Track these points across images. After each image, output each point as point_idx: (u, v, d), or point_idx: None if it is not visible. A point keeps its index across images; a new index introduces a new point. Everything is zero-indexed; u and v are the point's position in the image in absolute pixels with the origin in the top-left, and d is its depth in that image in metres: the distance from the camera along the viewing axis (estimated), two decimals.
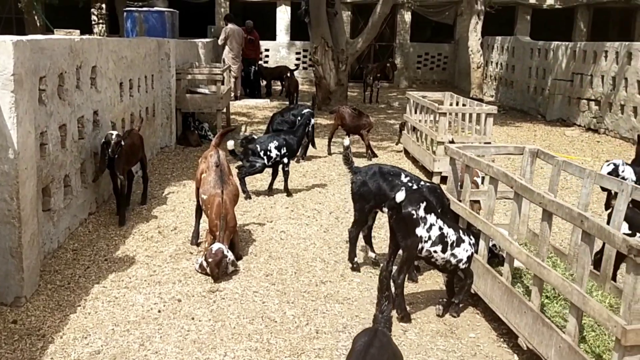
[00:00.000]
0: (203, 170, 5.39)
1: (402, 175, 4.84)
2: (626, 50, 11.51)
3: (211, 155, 5.39)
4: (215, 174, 5.24)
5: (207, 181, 5.25)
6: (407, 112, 10.11)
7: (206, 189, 5.20)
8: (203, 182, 5.30)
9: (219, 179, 5.20)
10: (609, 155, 10.21)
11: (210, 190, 5.15)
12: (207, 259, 4.75)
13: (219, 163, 5.33)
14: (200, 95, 10.87)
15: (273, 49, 21.62)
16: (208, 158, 5.39)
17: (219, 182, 5.17)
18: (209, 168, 5.32)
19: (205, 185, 5.24)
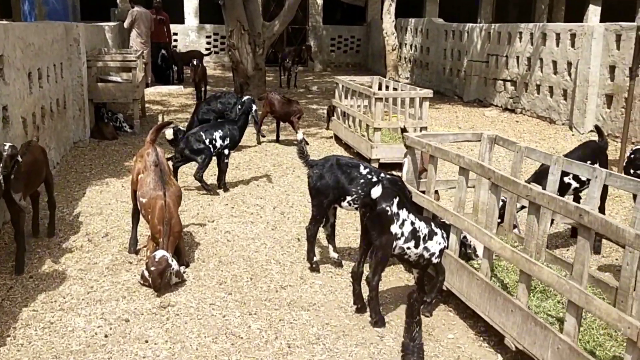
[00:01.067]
0: (140, 170, 4.84)
1: (361, 167, 4.55)
2: (541, 31, 11.84)
3: (148, 153, 4.84)
4: (155, 174, 4.71)
5: (145, 183, 4.71)
6: (336, 98, 9.85)
7: (145, 192, 4.66)
8: (141, 184, 4.76)
9: (159, 179, 4.68)
10: (531, 135, 10.48)
11: (150, 193, 4.62)
12: (149, 268, 4.27)
13: (158, 162, 4.80)
14: (114, 84, 10.06)
15: (182, 32, 20.66)
16: (145, 157, 4.84)
17: (160, 183, 4.65)
18: (146, 168, 4.78)
19: (143, 188, 4.70)
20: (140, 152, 4.96)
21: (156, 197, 4.56)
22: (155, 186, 4.63)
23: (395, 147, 7.95)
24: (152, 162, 4.76)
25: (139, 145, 9.16)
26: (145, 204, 4.64)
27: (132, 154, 8.65)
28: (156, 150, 4.87)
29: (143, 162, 4.83)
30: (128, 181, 7.15)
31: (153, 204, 4.54)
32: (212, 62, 20.44)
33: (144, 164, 4.81)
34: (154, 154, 4.82)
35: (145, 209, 4.64)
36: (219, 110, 8.81)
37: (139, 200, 4.75)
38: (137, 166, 4.90)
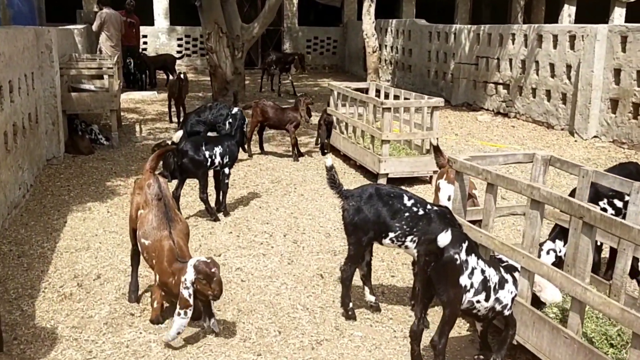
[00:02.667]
0: (139, 205, 4.08)
1: (405, 198, 3.92)
2: (536, 33, 11.42)
3: (149, 184, 4.08)
4: (159, 210, 3.96)
5: (147, 220, 3.94)
6: (331, 105, 9.21)
7: (148, 231, 3.91)
8: (142, 222, 3.99)
9: (163, 216, 3.93)
10: (532, 142, 10.03)
11: (154, 234, 3.87)
12: (208, 270, 3.56)
13: (162, 195, 4.04)
14: (89, 94, 9.21)
15: (152, 35, 19.72)
16: (145, 189, 4.08)
17: (165, 220, 3.91)
18: (147, 202, 4.01)
19: (145, 226, 3.94)
20: (139, 184, 4.20)
21: (162, 238, 3.82)
22: (159, 225, 3.89)
23: (404, 160, 7.35)
24: (155, 196, 4.02)
25: (119, 161, 8.38)
26: (148, 246, 3.89)
27: (112, 171, 7.86)
28: (158, 180, 4.12)
29: (143, 195, 4.07)
30: (113, 205, 6.40)
31: (159, 247, 3.81)
32: (184, 65, 19.56)
33: (144, 198, 4.05)
34: (155, 185, 4.07)
35: (149, 252, 3.89)
36: (210, 122, 8.08)
37: (140, 241, 3.99)
38: (136, 200, 4.14)
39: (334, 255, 5.22)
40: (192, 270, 3.57)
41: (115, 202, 6.59)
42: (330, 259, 5.14)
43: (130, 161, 8.45)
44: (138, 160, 8.49)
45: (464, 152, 9.20)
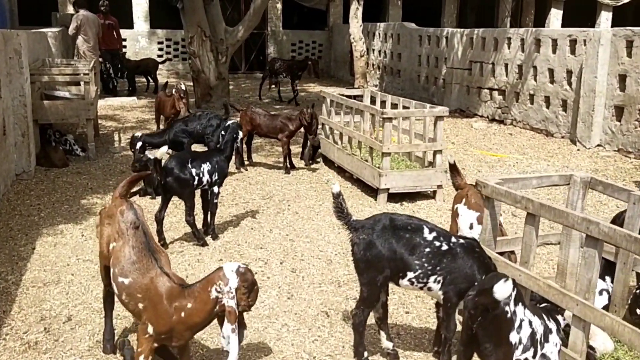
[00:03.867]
0: (111, 237, 3.37)
1: (425, 230, 3.36)
2: (534, 37, 10.98)
3: (122, 211, 3.37)
4: (137, 241, 3.27)
5: (124, 255, 3.24)
6: (324, 114, 8.66)
7: (126, 268, 3.22)
8: (117, 257, 3.28)
9: (144, 247, 3.26)
10: (534, 151, 9.57)
11: (136, 271, 3.19)
12: (251, 278, 3.04)
13: (139, 222, 3.38)
14: (63, 102, 8.56)
15: (131, 38, 19.01)
16: (117, 217, 3.38)
17: (147, 252, 3.24)
18: (121, 233, 3.31)
19: (122, 262, 3.23)
20: (108, 212, 3.47)
21: (152, 278, 3.15)
22: (141, 258, 3.23)
23: (407, 174, 6.81)
24: (130, 224, 3.33)
25: (95, 175, 7.74)
26: (129, 286, 3.21)
27: (88, 187, 7.22)
28: (132, 206, 3.44)
29: (115, 225, 3.36)
30: (89, 228, 5.77)
31: (151, 288, 3.13)
32: (165, 69, 18.88)
33: (116, 228, 3.35)
34: (130, 212, 3.37)
35: (131, 293, 3.21)
36: (198, 133, 7.45)
37: (117, 280, 3.31)
38: (106, 232, 3.43)
39: (339, 286, 4.66)
40: (234, 276, 2.97)
41: (91, 223, 5.95)
42: (334, 291, 4.58)
43: (108, 175, 7.80)
44: (116, 174, 7.85)
45: (465, 163, 8.71)
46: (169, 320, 3.05)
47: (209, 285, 2.99)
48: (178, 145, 7.47)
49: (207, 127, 7.35)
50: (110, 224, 3.41)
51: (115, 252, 3.33)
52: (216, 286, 2.97)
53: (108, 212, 3.48)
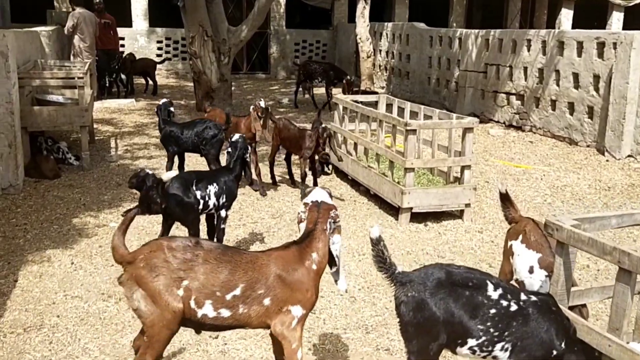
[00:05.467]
0: (173, 284, 2.78)
1: (489, 286, 2.73)
2: (556, 39, 10.35)
3: (157, 256, 2.78)
4: (206, 256, 2.87)
5: (207, 283, 2.87)
6: (336, 121, 8.03)
7: (218, 287, 2.85)
8: (204, 294, 2.85)
9: (221, 255, 2.91)
10: (559, 161, 8.93)
11: (231, 276, 2.85)
12: None
13: (194, 241, 2.93)
14: (55, 108, 7.91)
15: (130, 37, 18.35)
16: (159, 264, 2.77)
17: (227, 257, 2.91)
18: (185, 267, 2.79)
19: (214, 288, 2.85)
20: (138, 273, 2.78)
21: (255, 269, 2.85)
22: (223, 267, 2.87)
23: (432, 192, 6.18)
24: (184, 250, 2.84)
25: (89, 188, 7.11)
26: (240, 296, 2.86)
27: (80, 203, 6.58)
28: (175, 239, 2.91)
29: (166, 271, 2.78)
30: (79, 254, 5.14)
31: (260, 277, 2.85)
32: (164, 69, 18.25)
33: (172, 270, 2.78)
34: (166, 247, 2.83)
35: (247, 301, 2.86)
36: (192, 142, 6.78)
37: (220, 308, 2.82)
38: (162, 285, 2.77)
39: (366, 332, 4.02)
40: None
41: (82, 248, 5.32)
42: (362, 339, 3.94)
43: (103, 188, 7.16)
44: (112, 187, 7.21)
45: (487, 175, 8.08)
46: (312, 282, 2.90)
47: (325, 221, 2.96)
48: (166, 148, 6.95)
49: (202, 136, 6.68)
50: (160, 273, 2.77)
51: (191, 292, 2.79)
52: (332, 215, 2.99)
53: (138, 273, 2.79)
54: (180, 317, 2.77)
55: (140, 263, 2.77)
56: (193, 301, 2.76)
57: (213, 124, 6.89)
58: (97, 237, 5.58)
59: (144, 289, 2.75)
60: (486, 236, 5.94)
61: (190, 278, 2.75)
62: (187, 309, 2.77)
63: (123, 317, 4.10)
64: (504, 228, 6.13)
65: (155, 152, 8.96)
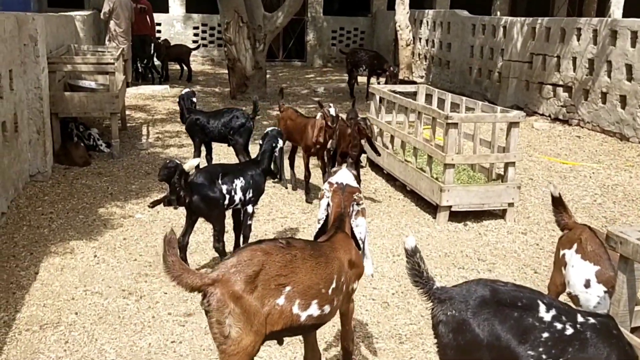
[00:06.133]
0: (261, 303, 2.57)
1: (541, 307, 2.39)
2: (609, 28, 9.76)
3: (234, 283, 2.50)
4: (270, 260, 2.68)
5: (285, 292, 2.69)
6: (372, 112, 7.70)
7: (302, 287, 2.73)
8: (299, 300, 2.72)
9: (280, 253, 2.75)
10: (608, 158, 8.41)
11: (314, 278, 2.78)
12: None
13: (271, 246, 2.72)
14: (86, 94, 7.78)
15: (166, 23, 18.28)
16: (238, 293, 2.50)
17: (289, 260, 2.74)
18: (251, 285, 2.55)
19: (297, 290, 2.71)
20: (221, 301, 2.50)
21: (323, 262, 2.79)
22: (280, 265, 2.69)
23: (473, 189, 5.81)
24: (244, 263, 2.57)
25: (118, 176, 6.95)
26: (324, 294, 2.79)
27: (108, 192, 6.43)
28: (235, 267, 2.53)
29: (246, 286, 2.52)
30: (103, 246, 4.96)
31: (333, 273, 2.84)
32: (200, 56, 18.14)
33: (240, 282, 2.51)
34: (233, 265, 2.52)
35: (334, 287, 2.81)
36: (219, 132, 6.54)
37: (310, 305, 2.71)
38: (254, 307, 2.52)
39: (400, 342, 3.72)
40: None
41: (106, 240, 5.14)
42: (395, 350, 3.64)
43: (131, 177, 7.00)
44: (140, 177, 7.04)
45: (531, 172, 7.65)
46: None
47: (349, 205, 3.04)
48: (192, 139, 6.74)
49: (229, 126, 6.43)
50: (258, 284, 2.53)
51: (295, 296, 2.62)
52: (355, 198, 3.05)
53: (234, 289, 2.49)
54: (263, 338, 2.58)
55: (235, 277, 2.48)
56: (297, 305, 2.61)
57: (241, 112, 6.64)
58: (122, 229, 5.40)
59: (240, 307, 2.46)
60: (530, 238, 5.55)
61: (293, 282, 2.59)
62: (286, 317, 2.58)
63: (143, 317, 3.89)
64: (550, 230, 5.75)
65: (187, 141, 8.73)
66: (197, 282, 2.45)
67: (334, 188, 3.12)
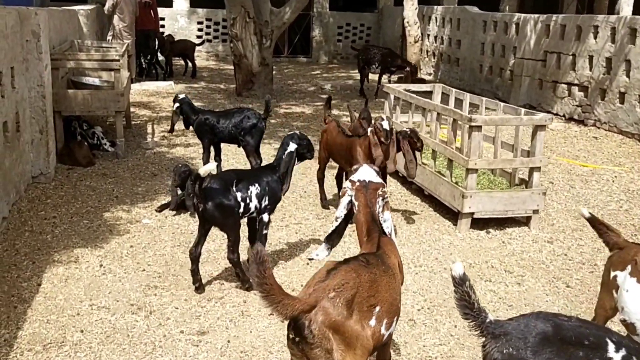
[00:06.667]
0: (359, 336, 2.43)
1: (610, 346, 2.12)
2: (628, 26, 9.47)
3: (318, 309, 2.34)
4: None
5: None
6: (386, 113, 7.42)
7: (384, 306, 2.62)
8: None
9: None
10: (630, 161, 8.13)
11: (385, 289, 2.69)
12: None
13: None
14: (90, 91, 7.50)
15: (170, 17, 17.98)
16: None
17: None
18: (345, 311, 2.40)
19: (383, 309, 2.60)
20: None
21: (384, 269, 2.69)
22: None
23: (497, 196, 5.54)
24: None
25: (123, 177, 6.70)
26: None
27: (113, 195, 6.16)
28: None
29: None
30: (109, 254, 4.71)
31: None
32: (204, 51, 17.86)
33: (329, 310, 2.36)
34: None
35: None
36: (229, 133, 6.26)
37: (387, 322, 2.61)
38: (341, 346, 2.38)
39: None
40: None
41: (112, 247, 4.88)
42: None
43: (137, 179, 6.73)
44: (146, 178, 6.78)
45: (550, 175, 7.37)
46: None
47: (375, 202, 2.95)
48: (200, 140, 6.46)
49: (239, 127, 6.16)
50: (354, 307, 2.38)
51: (383, 315, 2.53)
52: (380, 194, 2.98)
53: (335, 315, 2.33)
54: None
55: (335, 302, 2.31)
56: (384, 325, 2.50)
57: (252, 112, 6.37)
58: (129, 236, 5.14)
59: (344, 334, 2.31)
60: (557, 247, 5.28)
61: (380, 302, 2.48)
62: (377, 339, 2.47)
63: (153, 336, 3.63)
64: (577, 239, 5.48)
65: (193, 140, 8.48)
66: (298, 309, 2.24)
67: (356, 186, 3.02)
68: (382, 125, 5.02)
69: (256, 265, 2.17)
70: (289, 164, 4.33)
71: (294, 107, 11.50)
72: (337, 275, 2.39)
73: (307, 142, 4.43)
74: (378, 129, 5.03)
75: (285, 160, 4.33)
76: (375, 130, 5.05)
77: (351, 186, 3.04)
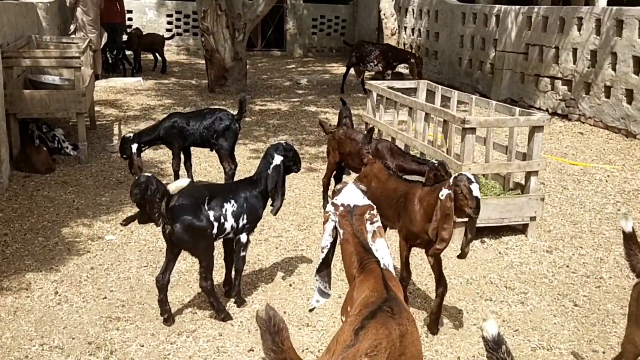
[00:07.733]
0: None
1: None
2: (614, 18, 9.17)
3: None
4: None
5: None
6: (369, 111, 6.99)
7: None
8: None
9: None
10: (619, 157, 7.83)
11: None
12: None
13: None
14: (47, 91, 6.91)
15: (138, 10, 17.27)
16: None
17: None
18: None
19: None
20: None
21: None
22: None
23: (492, 202, 5.13)
24: None
25: (85, 186, 6.15)
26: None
27: (73, 207, 5.62)
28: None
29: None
30: (66, 279, 4.18)
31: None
32: (174, 45, 17.19)
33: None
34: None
35: None
36: (201, 135, 5.74)
37: None
38: None
39: None
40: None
41: (70, 271, 4.35)
42: None
43: (101, 187, 6.19)
44: (111, 186, 6.23)
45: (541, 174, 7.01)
46: None
47: (363, 228, 2.60)
48: (168, 144, 5.92)
49: (211, 129, 5.65)
50: None
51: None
52: (367, 218, 2.62)
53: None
54: None
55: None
56: None
57: (224, 113, 5.86)
58: (90, 255, 4.61)
59: None
60: (558, 258, 4.91)
61: (405, 356, 2.15)
62: None
63: None
64: (578, 248, 5.12)
65: None
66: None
67: (340, 212, 2.64)
68: (471, 190, 3.34)
69: (271, 336, 1.72)
70: (276, 179, 3.83)
71: (269, 104, 10.99)
72: (367, 335, 1.99)
73: (293, 154, 3.94)
74: (462, 192, 3.35)
75: (272, 175, 3.82)
76: (455, 192, 3.37)
77: (334, 210, 2.66)
